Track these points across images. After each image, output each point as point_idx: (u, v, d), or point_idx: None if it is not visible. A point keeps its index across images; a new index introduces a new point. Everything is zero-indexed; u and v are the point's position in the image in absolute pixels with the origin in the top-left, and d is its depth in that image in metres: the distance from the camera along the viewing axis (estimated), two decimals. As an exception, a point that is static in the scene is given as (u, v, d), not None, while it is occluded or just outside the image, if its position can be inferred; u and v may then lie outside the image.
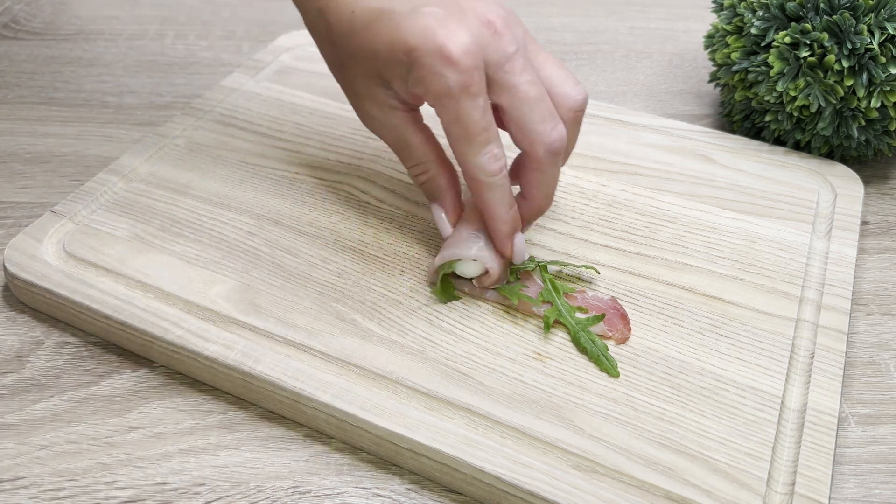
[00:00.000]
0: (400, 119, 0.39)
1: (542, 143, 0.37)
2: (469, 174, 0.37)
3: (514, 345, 0.38)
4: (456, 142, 0.37)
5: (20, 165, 0.52)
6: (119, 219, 0.44)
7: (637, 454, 0.34)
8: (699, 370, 0.37)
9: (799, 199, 0.48)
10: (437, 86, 0.35)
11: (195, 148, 0.50)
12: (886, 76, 0.46)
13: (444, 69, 0.34)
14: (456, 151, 0.37)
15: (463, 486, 0.34)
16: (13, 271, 0.41)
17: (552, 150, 0.37)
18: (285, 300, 0.40)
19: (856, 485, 0.36)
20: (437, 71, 0.35)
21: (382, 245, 0.43)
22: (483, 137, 0.36)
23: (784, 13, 0.48)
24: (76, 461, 0.35)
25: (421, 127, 0.40)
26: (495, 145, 0.37)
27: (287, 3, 0.71)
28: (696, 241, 0.44)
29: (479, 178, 0.37)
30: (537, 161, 0.37)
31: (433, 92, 0.35)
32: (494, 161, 0.37)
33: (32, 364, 0.40)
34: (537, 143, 0.37)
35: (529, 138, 0.37)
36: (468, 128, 0.36)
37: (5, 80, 0.59)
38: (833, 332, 0.40)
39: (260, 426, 0.37)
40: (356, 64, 0.38)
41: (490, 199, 0.38)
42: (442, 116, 0.36)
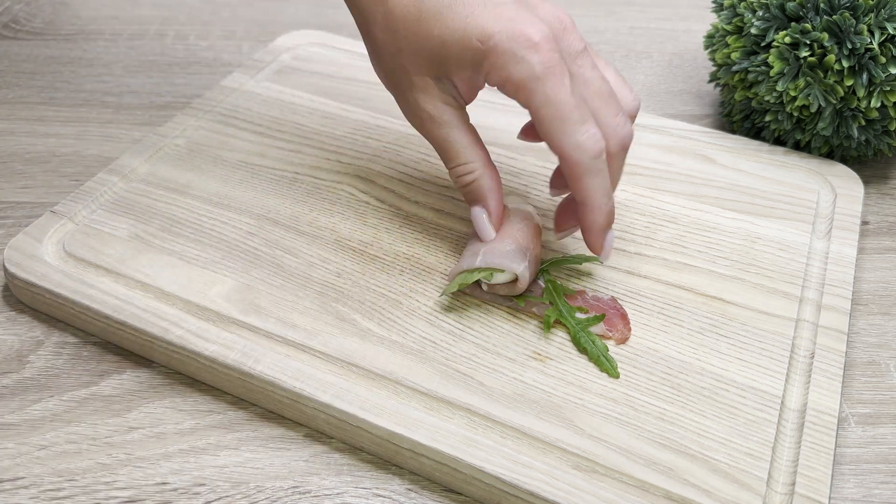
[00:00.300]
0: (451, 115, 0.38)
1: (618, 136, 0.36)
2: (568, 158, 0.35)
3: (514, 345, 0.38)
4: (549, 125, 0.35)
5: (20, 165, 0.52)
6: (119, 219, 0.44)
7: (637, 454, 0.34)
8: (699, 370, 0.37)
9: (799, 199, 0.48)
10: (520, 70, 0.34)
11: (195, 148, 0.50)
12: (886, 76, 0.46)
13: (527, 53, 0.34)
14: (550, 136, 0.35)
15: (463, 486, 0.34)
16: (13, 271, 0.41)
17: (625, 144, 0.36)
18: (285, 300, 0.40)
19: (856, 485, 0.36)
20: (520, 55, 0.34)
21: (382, 245, 0.43)
22: (578, 115, 0.35)
23: (784, 13, 0.48)
24: (76, 461, 0.35)
25: (470, 126, 0.39)
26: (592, 124, 0.35)
27: (287, 3, 0.71)
28: (696, 241, 0.44)
29: (580, 160, 0.35)
30: (610, 156, 0.36)
31: (515, 78, 0.34)
32: (595, 141, 0.35)
33: (32, 364, 0.40)
34: (612, 136, 0.36)
35: (605, 132, 0.36)
36: (561, 107, 0.34)
37: (5, 80, 0.59)
38: (833, 332, 0.40)
39: (260, 426, 0.37)
40: (415, 53, 0.37)
41: (591, 186, 0.36)
42: (529, 103, 0.35)
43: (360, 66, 0.58)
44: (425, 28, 0.36)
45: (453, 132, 0.38)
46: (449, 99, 0.38)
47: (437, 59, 0.36)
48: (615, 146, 0.36)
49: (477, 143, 0.39)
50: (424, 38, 0.36)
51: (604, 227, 0.38)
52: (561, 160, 0.36)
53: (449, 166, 0.39)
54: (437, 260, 0.43)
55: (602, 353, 0.37)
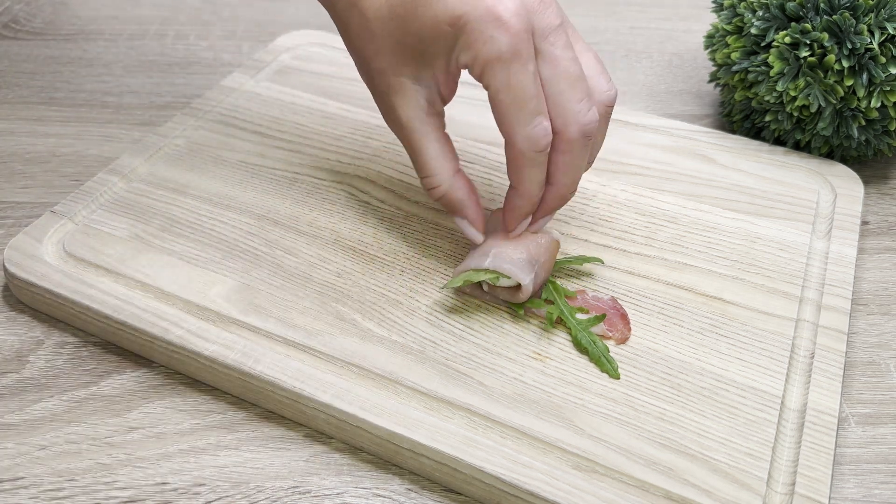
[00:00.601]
0: (423, 123, 0.38)
1: (578, 122, 0.35)
2: (515, 146, 0.35)
3: (514, 345, 0.38)
4: (505, 110, 0.34)
5: (20, 165, 0.52)
6: (119, 219, 0.44)
7: (637, 454, 0.34)
8: (699, 370, 0.37)
9: (799, 199, 0.48)
10: (487, 50, 0.33)
11: (195, 148, 0.50)
12: (886, 76, 0.46)
13: (496, 31, 0.33)
14: (504, 122, 0.35)
15: (463, 486, 0.34)
16: (13, 271, 0.41)
17: (586, 131, 0.35)
18: (285, 300, 0.40)
19: (856, 485, 0.36)
20: (487, 34, 0.33)
21: (382, 245, 0.43)
22: (534, 105, 0.34)
23: (784, 13, 0.48)
24: (76, 461, 0.35)
25: (442, 135, 0.39)
26: (545, 117, 0.35)
27: (287, 3, 0.71)
28: (696, 241, 0.44)
29: (525, 151, 0.35)
30: (569, 142, 0.35)
31: (483, 56, 0.34)
32: (544, 135, 0.35)
33: (32, 364, 0.40)
34: (572, 122, 0.35)
35: (564, 117, 0.35)
36: (519, 94, 0.34)
37: (5, 80, 0.59)
38: (833, 332, 0.40)
39: (260, 426, 0.37)
40: (392, 53, 0.37)
41: (527, 177, 0.36)
42: (490, 84, 0.34)
43: (360, 66, 0.58)
44: (400, 26, 0.36)
45: (423, 141, 0.38)
46: (424, 104, 0.38)
47: (413, 54, 0.36)
48: (575, 132, 0.35)
49: (446, 154, 0.38)
50: (400, 35, 0.36)
51: (525, 214, 0.38)
52: (507, 145, 0.36)
53: (419, 176, 0.39)
54: (437, 260, 0.43)
55: (603, 353, 0.37)
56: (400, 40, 0.36)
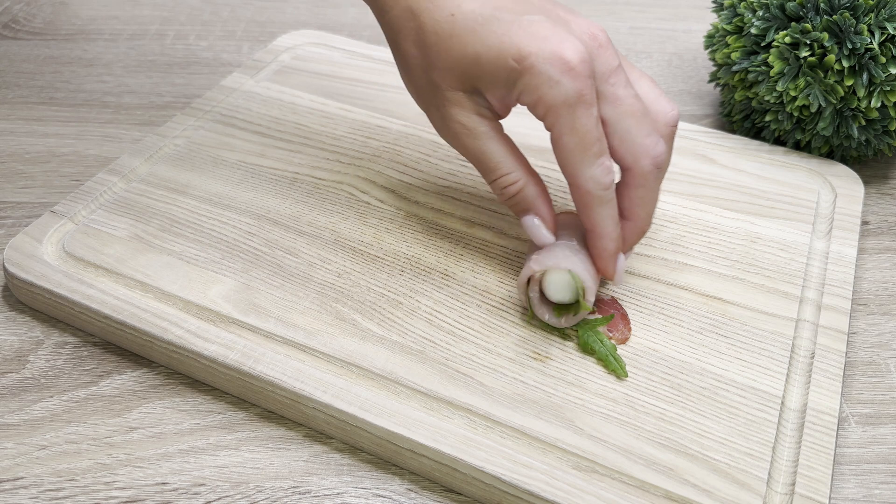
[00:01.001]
0: (486, 127, 0.37)
1: (649, 156, 0.36)
2: (581, 188, 0.36)
3: (514, 345, 0.38)
4: (569, 154, 0.35)
5: (20, 165, 0.52)
6: (119, 219, 0.44)
7: (637, 454, 0.34)
8: (699, 370, 0.37)
9: (799, 199, 0.48)
10: (553, 94, 0.34)
11: (195, 148, 0.50)
12: (887, 76, 0.46)
13: (562, 76, 0.33)
14: (568, 164, 0.35)
15: (463, 486, 0.34)
16: (13, 271, 0.41)
17: (658, 163, 0.36)
18: (285, 300, 0.40)
19: (856, 485, 0.36)
20: (555, 78, 0.33)
21: (382, 245, 0.43)
22: (597, 148, 0.35)
23: (784, 13, 0.48)
24: (76, 461, 0.35)
25: (506, 136, 0.38)
26: (607, 157, 0.35)
27: (287, 3, 0.71)
28: (696, 241, 0.44)
29: (591, 191, 0.35)
30: (642, 176, 0.36)
31: (548, 100, 0.34)
32: (607, 173, 0.35)
33: (32, 364, 0.40)
34: (643, 156, 0.36)
35: (635, 152, 0.36)
36: (584, 138, 0.34)
37: (5, 80, 0.59)
38: (833, 332, 0.40)
39: (260, 426, 0.37)
40: (447, 69, 0.36)
41: (600, 216, 0.36)
42: (554, 127, 0.35)
43: (360, 66, 0.58)
44: (459, 44, 0.36)
45: (489, 143, 0.37)
46: (483, 111, 0.37)
47: (470, 74, 0.36)
48: (647, 165, 0.36)
49: (515, 153, 0.38)
50: (458, 53, 0.36)
51: (614, 253, 0.37)
52: (573, 188, 0.36)
53: (489, 179, 0.38)
54: (437, 260, 0.43)
55: (611, 352, 0.37)
56: (457, 59, 0.36)
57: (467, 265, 0.42)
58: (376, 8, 0.40)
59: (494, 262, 0.43)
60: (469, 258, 0.43)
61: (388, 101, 0.54)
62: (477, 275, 0.42)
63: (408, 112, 0.53)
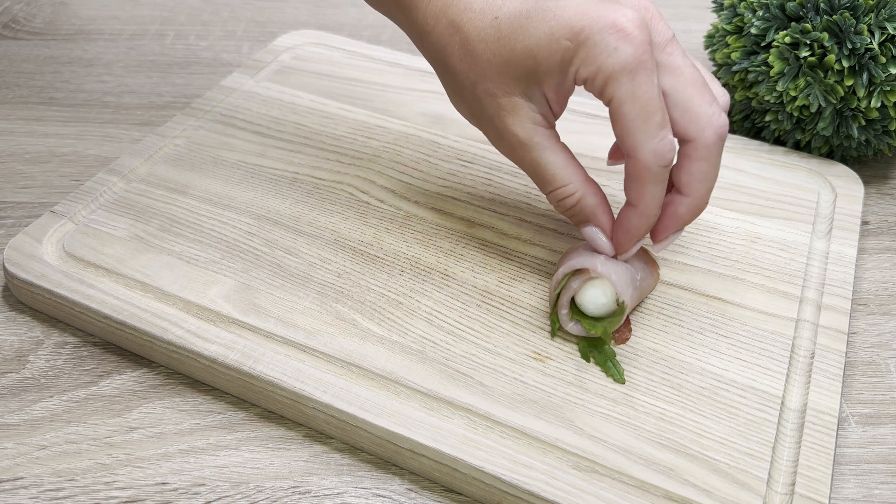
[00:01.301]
0: (542, 136, 0.36)
1: (713, 125, 0.34)
2: (640, 161, 0.33)
3: (514, 345, 0.38)
4: (631, 123, 0.33)
5: (20, 165, 0.52)
6: (119, 219, 0.44)
7: (637, 454, 0.34)
8: (699, 370, 0.37)
9: (799, 199, 0.48)
10: (612, 61, 0.32)
11: (195, 148, 0.50)
12: (887, 76, 0.46)
13: (620, 43, 0.32)
14: (629, 135, 0.33)
15: (463, 486, 0.34)
16: (13, 271, 0.41)
17: (721, 133, 0.34)
18: (285, 300, 0.40)
19: (856, 485, 0.36)
20: (612, 45, 0.32)
21: (382, 245, 0.43)
22: (659, 118, 0.33)
23: (784, 13, 0.48)
24: (76, 461, 0.35)
25: (562, 145, 0.37)
26: (670, 131, 0.33)
27: (287, 3, 0.71)
28: (696, 241, 0.44)
29: (650, 166, 0.33)
30: (706, 148, 0.34)
31: (607, 68, 0.32)
32: (671, 149, 0.33)
33: (32, 364, 0.40)
34: (706, 126, 0.34)
35: (698, 122, 0.34)
36: (646, 105, 0.32)
37: (5, 80, 0.59)
38: (833, 332, 0.40)
39: (260, 426, 0.37)
40: (500, 73, 0.35)
41: (650, 193, 0.34)
42: (615, 96, 0.33)
43: (360, 66, 0.58)
44: (508, 45, 0.35)
45: (546, 154, 0.36)
46: (539, 118, 0.36)
47: (525, 72, 0.35)
48: (711, 136, 0.34)
49: (572, 162, 0.37)
50: (508, 55, 0.35)
51: (641, 233, 0.36)
52: (630, 161, 0.34)
53: (546, 190, 0.37)
54: (437, 260, 0.43)
55: (609, 358, 0.37)
56: (508, 60, 0.35)
57: (467, 265, 0.42)
58: (415, 31, 0.39)
59: (494, 262, 0.43)
60: (469, 258, 0.43)
61: (387, 101, 0.54)
62: (477, 275, 0.42)
63: (408, 112, 0.53)
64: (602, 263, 0.37)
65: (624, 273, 0.37)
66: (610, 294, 0.36)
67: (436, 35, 0.37)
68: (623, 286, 0.36)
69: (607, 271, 0.36)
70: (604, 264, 0.37)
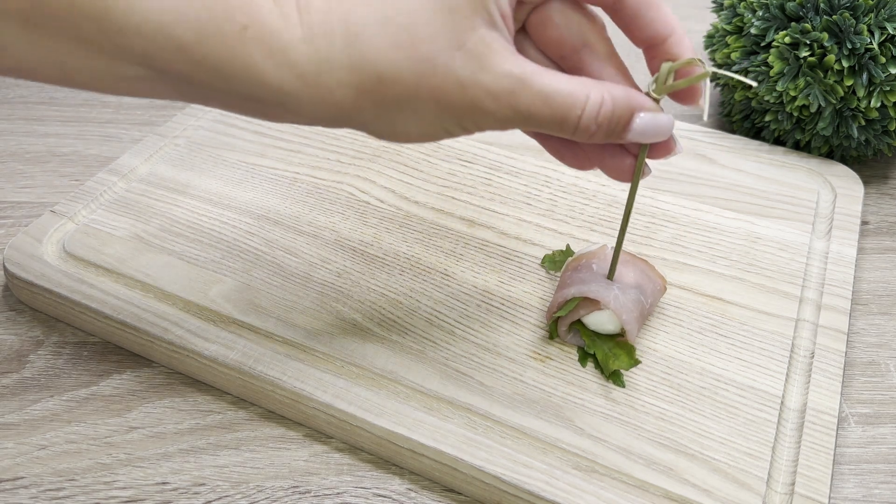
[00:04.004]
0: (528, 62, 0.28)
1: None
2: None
3: (514, 345, 0.38)
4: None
5: (20, 165, 0.52)
6: (119, 219, 0.44)
7: (637, 454, 0.34)
8: (699, 370, 0.37)
9: (799, 199, 0.48)
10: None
11: (195, 148, 0.50)
12: (886, 76, 0.46)
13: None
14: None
15: (463, 486, 0.34)
16: (13, 271, 0.41)
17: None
18: (285, 300, 0.40)
19: (856, 485, 0.36)
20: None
21: (382, 245, 0.43)
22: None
23: (784, 13, 0.48)
24: (76, 461, 0.35)
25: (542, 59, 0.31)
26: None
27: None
28: (696, 240, 0.44)
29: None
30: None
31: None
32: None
33: (32, 364, 0.40)
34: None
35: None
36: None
37: (5, 80, 0.59)
38: (833, 331, 0.40)
39: (260, 426, 0.37)
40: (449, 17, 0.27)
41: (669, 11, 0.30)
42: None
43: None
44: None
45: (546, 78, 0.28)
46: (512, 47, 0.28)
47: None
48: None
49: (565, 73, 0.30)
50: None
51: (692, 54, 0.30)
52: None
53: (574, 117, 0.29)
54: (437, 260, 0.43)
55: (617, 370, 0.37)
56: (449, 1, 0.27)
57: (467, 265, 0.42)
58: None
59: (494, 262, 0.43)
60: (469, 258, 0.43)
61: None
62: (477, 275, 0.42)
63: (408, 112, 0.53)
64: (615, 298, 0.36)
65: (634, 308, 0.36)
66: (616, 323, 0.36)
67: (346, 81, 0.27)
68: (632, 323, 0.36)
69: (619, 308, 0.36)
70: (616, 299, 0.36)
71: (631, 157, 0.33)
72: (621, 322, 0.36)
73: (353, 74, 0.27)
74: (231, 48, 0.26)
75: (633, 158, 0.32)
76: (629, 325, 0.36)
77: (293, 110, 0.28)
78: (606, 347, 0.37)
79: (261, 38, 0.27)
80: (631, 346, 0.36)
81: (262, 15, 0.27)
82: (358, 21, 0.27)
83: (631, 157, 0.33)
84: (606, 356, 0.36)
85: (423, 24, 0.27)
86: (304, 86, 0.27)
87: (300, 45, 0.27)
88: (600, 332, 0.37)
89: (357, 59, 0.27)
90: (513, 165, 0.49)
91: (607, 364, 0.36)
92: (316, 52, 0.27)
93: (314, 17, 0.27)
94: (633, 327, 0.36)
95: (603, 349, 0.37)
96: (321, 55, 0.27)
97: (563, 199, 0.47)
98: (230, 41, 0.26)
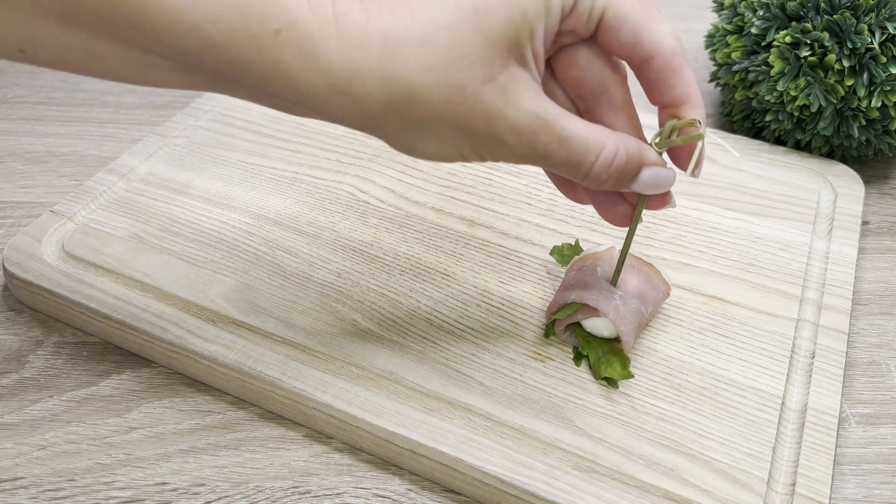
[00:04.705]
0: (552, 104, 0.30)
1: (670, 34, 0.30)
2: (667, 46, 0.30)
3: (514, 345, 0.38)
4: (640, 15, 0.29)
5: (20, 165, 0.52)
6: (118, 219, 0.44)
7: (637, 454, 0.34)
8: (699, 370, 0.37)
9: (799, 198, 0.48)
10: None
11: (195, 148, 0.50)
12: (887, 76, 0.46)
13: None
14: (642, 28, 0.29)
15: (463, 486, 0.34)
16: (13, 271, 0.41)
17: (677, 38, 0.30)
18: (285, 300, 0.40)
19: (856, 485, 0.36)
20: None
21: (382, 245, 0.43)
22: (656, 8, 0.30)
23: (784, 13, 0.48)
24: (76, 461, 0.35)
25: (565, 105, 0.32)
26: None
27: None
28: (696, 240, 0.44)
29: (677, 49, 0.30)
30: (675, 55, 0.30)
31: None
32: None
33: (32, 364, 0.40)
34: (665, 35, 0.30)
35: (653, 37, 0.30)
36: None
37: (5, 80, 0.59)
38: (833, 331, 0.40)
39: (260, 426, 0.37)
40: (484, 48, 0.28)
41: (691, 77, 0.31)
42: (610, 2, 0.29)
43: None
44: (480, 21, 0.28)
45: (568, 122, 0.29)
46: (539, 87, 0.29)
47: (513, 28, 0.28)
48: (673, 43, 0.31)
49: (584, 119, 0.31)
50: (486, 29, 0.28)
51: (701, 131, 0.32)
52: (654, 59, 0.30)
53: (588, 163, 0.30)
54: (437, 260, 0.43)
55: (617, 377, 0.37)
56: (486, 31, 0.28)
57: (467, 265, 0.42)
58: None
59: (494, 262, 0.43)
60: (469, 258, 0.43)
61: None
62: (477, 275, 0.42)
63: (408, 112, 0.53)
64: (615, 310, 0.36)
65: (633, 319, 0.36)
66: (613, 330, 0.36)
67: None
68: (629, 334, 0.36)
69: (618, 319, 0.36)
70: (616, 310, 0.36)
71: (625, 204, 0.34)
72: (619, 332, 0.36)
73: (383, 90, 0.28)
74: (262, 50, 0.27)
75: (626, 205, 0.34)
76: (626, 336, 0.36)
77: (318, 111, 0.29)
78: (600, 351, 0.37)
79: (294, 42, 0.27)
80: (625, 356, 0.36)
81: (297, 20, 0.27)
82: (396, 39, 0.27)
83: (625, 204, 0.34)
84: (599, 360, 0.37)
85: (459, 52, 0.27)
86: (334, 92, 0.28)
87: (333, 52, 0.27)
88: (596, 336, 0.37)
89: (390, 76, 0.27)
90: (512, 166, 0.49)
91: (598, 369, 0.36)
92: (350, 61, 0.27)
93: (350, 28, 0.27)
94: (629, 338, 0.36)
95: (597, 352, 0.37)
96: (354, 65, 0.27)
97: (563, 199, 0.47)
98: (262, 43, 0.27)
